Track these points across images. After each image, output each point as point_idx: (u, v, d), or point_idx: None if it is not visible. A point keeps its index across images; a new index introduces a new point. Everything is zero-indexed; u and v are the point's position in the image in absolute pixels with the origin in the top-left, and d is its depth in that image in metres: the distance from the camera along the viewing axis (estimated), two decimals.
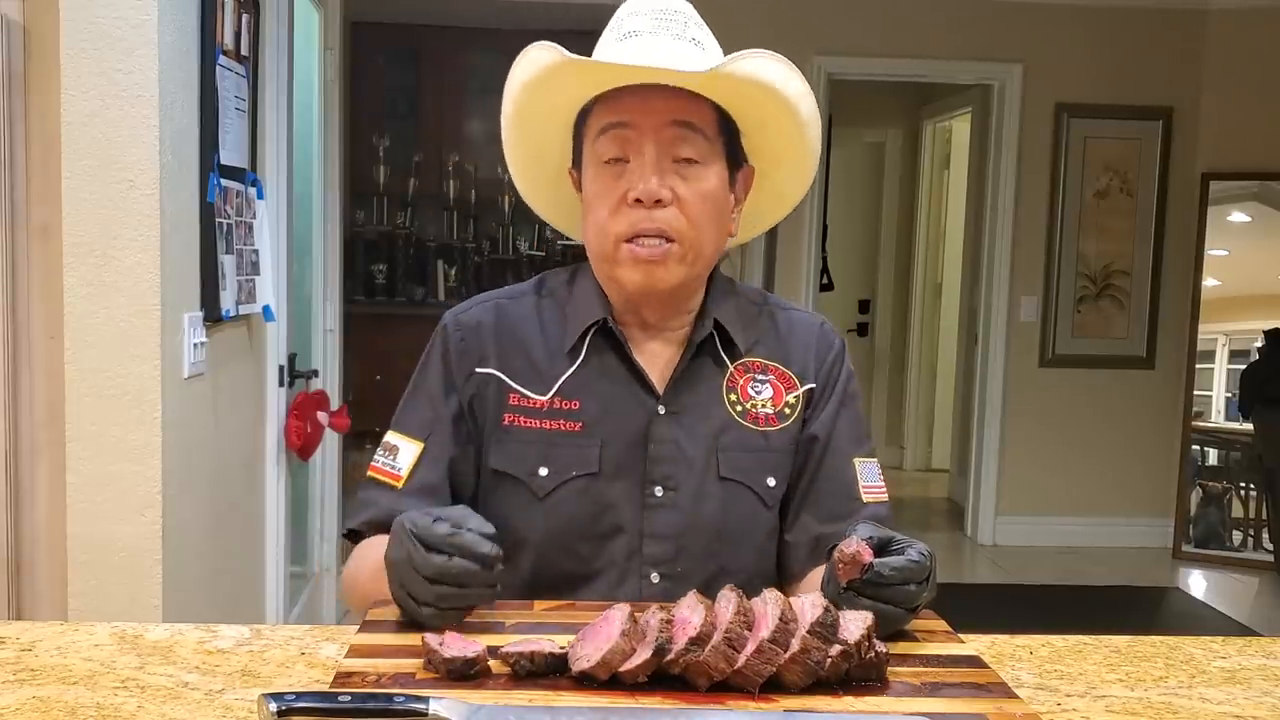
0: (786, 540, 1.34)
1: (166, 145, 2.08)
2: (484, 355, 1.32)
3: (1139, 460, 5.47)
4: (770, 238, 5.33)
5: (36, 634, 1.08)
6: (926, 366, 7.27)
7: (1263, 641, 1.17)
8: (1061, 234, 5.40)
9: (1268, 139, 5.20)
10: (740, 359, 1.33)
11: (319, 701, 0.83)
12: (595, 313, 1.31)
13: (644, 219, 1.23)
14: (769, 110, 1.27)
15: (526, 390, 1.30)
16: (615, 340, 1.31)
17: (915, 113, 7.13)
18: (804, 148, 1.34)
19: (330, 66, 4.09)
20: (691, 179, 1.24)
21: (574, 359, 1.31)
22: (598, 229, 1.26)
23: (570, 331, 1.32)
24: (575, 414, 1.28)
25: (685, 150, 1.24)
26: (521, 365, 1.31)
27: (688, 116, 1.24)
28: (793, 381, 1.35)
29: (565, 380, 1.30)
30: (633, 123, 1.23)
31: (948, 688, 0.94)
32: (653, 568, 1.27)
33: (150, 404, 2.06)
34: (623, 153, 1.24)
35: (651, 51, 1.23)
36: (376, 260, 6.40)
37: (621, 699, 0.90)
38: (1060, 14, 5.27)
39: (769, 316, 1.38)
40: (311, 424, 3.17)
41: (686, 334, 1.33)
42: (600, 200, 1.25)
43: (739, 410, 1.32)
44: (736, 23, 5.03)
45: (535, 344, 1.32)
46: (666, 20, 1.26)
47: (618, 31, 1.27)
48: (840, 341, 1.40)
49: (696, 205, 1.24)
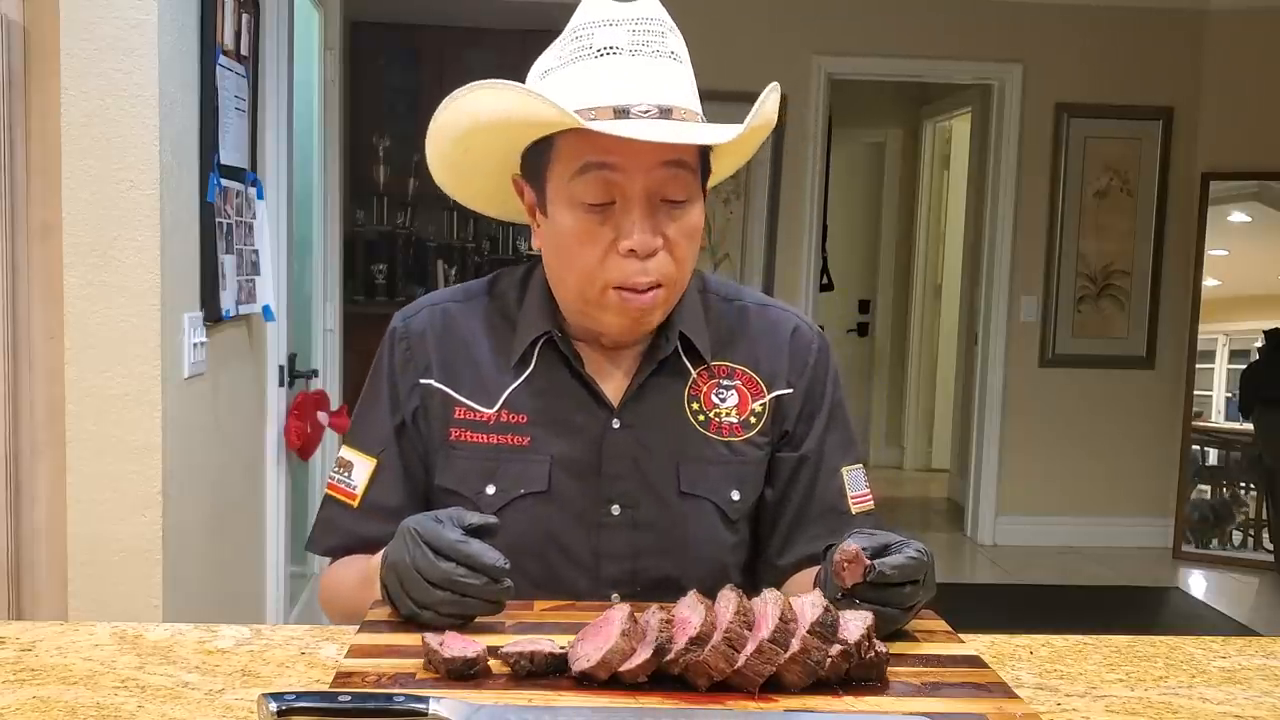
0: (776, 564, 1.29)
1: (166, 145, 2.08)
2: (427, 365, 1.26)
3: (1139, 460, 5.47)
4: (770, 238, 5.34)
5: (36, 634, 1.08)
6: (926, 366, 7.27)
7: (1263, 641, 1.17)
8: (1061, 234, 5.41)
9: (1268, 139, 5.20)
10: (704, 365, 1.26)
11: (319, 701, 0.83)
12: (544, 324, 1.24)
13: (638, 271, 1.15)
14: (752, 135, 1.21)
15: (472, 403, 1.24)
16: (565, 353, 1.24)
17: (915, 113, 7.14)
18: (751, 151, 1.28)
19: (330, 66, 4.10)
20: (679, 219, 1.16)
21: (522, 370, 1.24)
22: (581, 274, 1.17)
23: (519, 341, 1.25)
24: (523, 428, 1.22)
25: (675, 191, 1.15)
26: (467, 376, 1.25)
27: (678, 155, 1.15)
28: (760, 388, 1.28)
29: (512, 392, 1.24)
30: (620, 165, 1.13)
31: (948, 688, 0.94)
32: (611, 589, 1.22)
33: (150, 404, 2.06)
34: (607, 196, 1.14)
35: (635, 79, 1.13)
36: (376, 260, 6.40)
37: (621, 699, 0.89)
38: (1060, 14, 5.27)
39: (739, 315, 1.31)
40: (311, 424, 3.17)
41: (647, 344, 1.25)
42: (584, 247, 1.16)
43: (701, 420, 1.25)
44: (736, 23, 5.04)
45: (482, 353, 1.26)
46: (644, 34, 1.15)
47: (587, 44, 1.15)
48: (820, 341, 1.33)
49: (684, 244, 1.17)
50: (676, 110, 1.14)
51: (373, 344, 1.36)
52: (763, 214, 5.34)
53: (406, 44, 6.28)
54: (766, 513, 1.30)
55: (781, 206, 5.32)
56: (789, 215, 5.34)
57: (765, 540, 1.31)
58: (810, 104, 5.26)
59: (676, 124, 1.13)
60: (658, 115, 1.12)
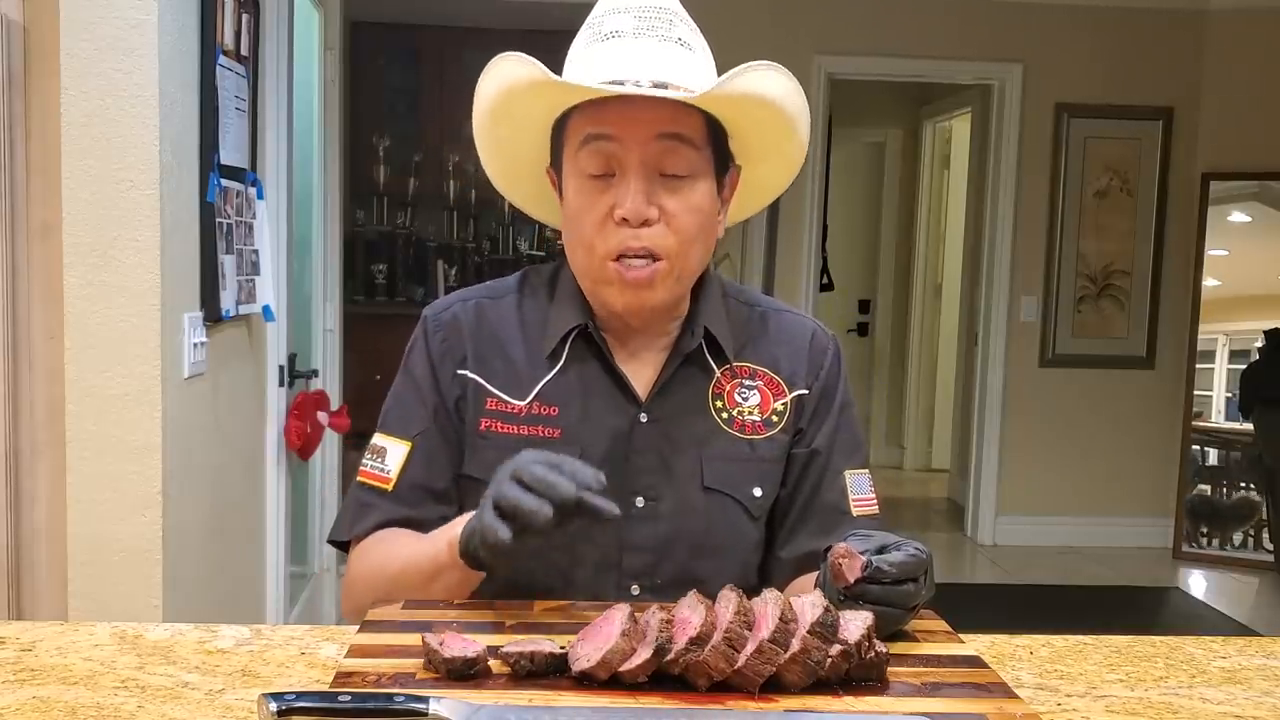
0: (779, 556, 1.30)
1: (166, 145, 2.08)
2: (463, 356, 1.28)
3: (1139, 460, 5.47)
4: (770, 237, 5.34)
5: (36, 634, 1.08)
6: (926, 366, 7.27)
7: (1263, 641, 1.17)
8: (1061, 234, 5.41)
9: (1268, 139, 5.20)
10: (728, 364, 1.29)
11: (319, 701, 0.83)
12: (576, 317, 1.27)
13: (631, 238, 1.18)
14: (761, 117, 1.23)
15: (504, 395, 1.26)
16: (597, 345, 1.27)
17: (915, 113, 7.14)
18: (792, 144, 1.29)
19: (330, 66, 4.10)
20: (679, 193, 1.19)
21: (554, 364, 1.27)
22: (583, 246, 1.22)
23: (551, 335, 1.27)
24: (554, 420, 1.24)
25: (673, 165, 1.18)
26: (500, 369, 1.27)
27: (675, 128, 1.18)
28: (781, 388, 1.31)
29: (544, 385, 1.26)
30: (617, 135, 1.17)
31: (948, 688, 0.94)
32: (633, 580, 1.24)
33: (150, 404, 2.06)
34: (607, 168, 1.19)
35: (635, 56, 1.17)
36: (376, 260, 6.40)
37: (621, 699, 0.90)
38: (1060, 14, 5.28)
39: (759, 320, 1.34)
40: (311, 424, 3.17)
41: (673, 339, 1.29)
42: (585, 216, 1.20)
43: (725, 418, 1.28)
44: (737, 23, 5.04)
45: (515, 347, 1.28)
46: (651, 19, 1.19)
47: (597, 30, 1.21)
48: (835, 346, 1.36)
49: (684, 220, 1.19)
50: (674, 86, 1.17)
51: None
52: (763, 214, 5.32)
53: (406, 44, 6.29)
54: (777, 507, 1.32)
55: (781, 206, 5.32)
56: (789, 215, 5.34)
57: (774, 534, 1.32)
58: (810, 104, 5.24)
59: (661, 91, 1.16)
60: (651, 88, 1.16)
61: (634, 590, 1.24)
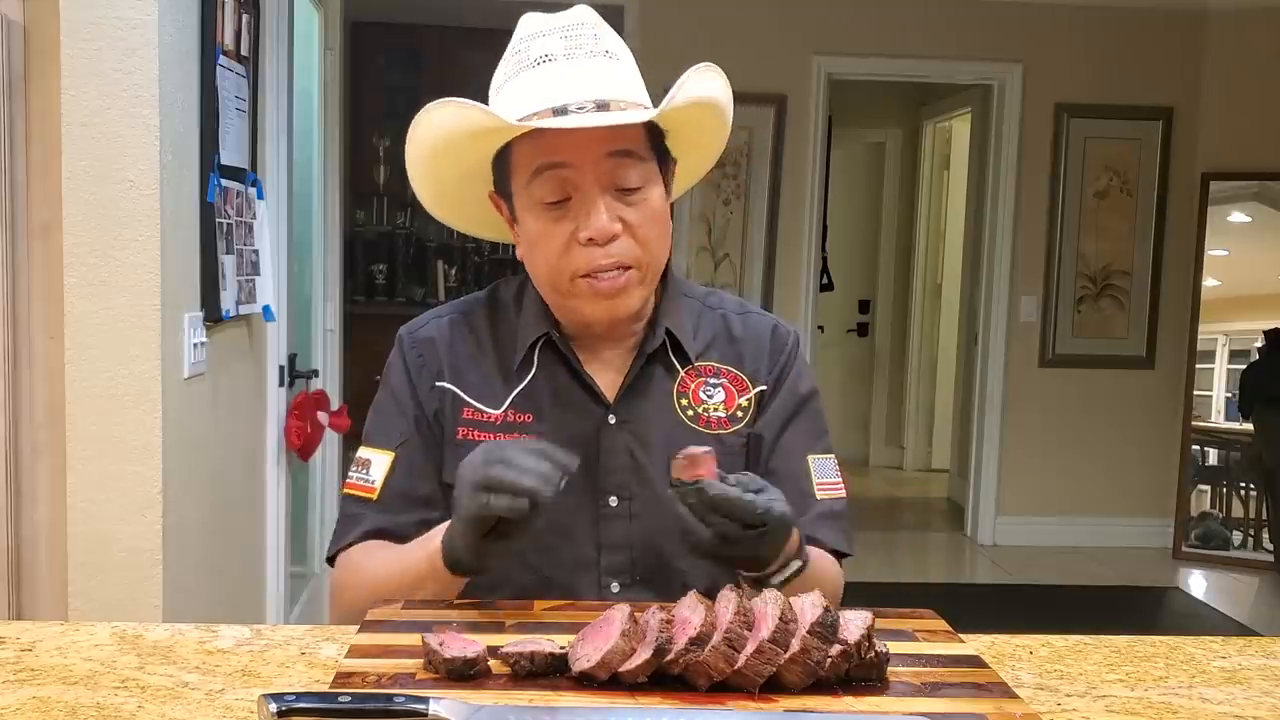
0: None
1: (166, 145, 2.08)
2: (440, 370, 1.32)
3: (1139, 460, 5.47)
4: (770, 238, 5.34)
5: (36, 634, 1.08)
6: (926, 366, 7.27)
7: (1263, 641, 1.17)
8: (1061, 234, 5.41)
9: (1268, 139, 5.20)
10: (691, 364, 1.33)
11: (319, 702, 0.83)
12: (541, 327, 1.31)
13: (601, 256, 1.22)
14: (700, 117, 1.27)
15: (480, 404, 1.30)
16: (563, 353, 1.31)
17: (915, 113, 7.14)
18: (724, 132, 1.33)
19: (330, 66, 4.10)
20: (636, 205, 1.23)
21: (525, 373, 1.31)
22: (549, 267, 1.25)
23: (519, 345, 1.32)
24: (529, 426, 1.28)
25: (626, 179, 1.22)
26: (475, 380, 1.31)
27: (623, 144, 1.21)
28: (745, 384, 1.34)
29: (518, 393, 1.30)
30: (569, 162, 1.20)
31: (948, 688, 0.94)
32: (612, 577, 1.28)
33: (150, 404, 2.06)
34: (563, 193, 1.22)
35: (572, 79, 1.20)
36: (376, 260, 6.40)
37: (621, 699, 0.90)
38: (1060, 14, 5.28)
39: (721, 319, 1.38)
40: (311, 424, 3.17)
41: (637, 341, 1.32)
42: (548, 241, 1.23)
43: (690, 415, 1.31)
44: (737, 23, 5.04)
45: (487, 359, 1.33)
46: (576, 37, 1.23)
47: (526, 56, 1.24)
48: (794, 340, 1.39)
49: (646, 230, 1.23)
50: (614, 103, 1.20)
51: (373, 344, 1.39)
52: (763, 214, 5.34)
53: (406, 44, 6.28)
54: None
55: (781, 206, 5.32)
56: (789, 215, 5.34)
57: None
58: (810, 104, 5.25)
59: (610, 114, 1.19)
60: (594, 110, 1.19)
61: (614, 588, 1.27)
